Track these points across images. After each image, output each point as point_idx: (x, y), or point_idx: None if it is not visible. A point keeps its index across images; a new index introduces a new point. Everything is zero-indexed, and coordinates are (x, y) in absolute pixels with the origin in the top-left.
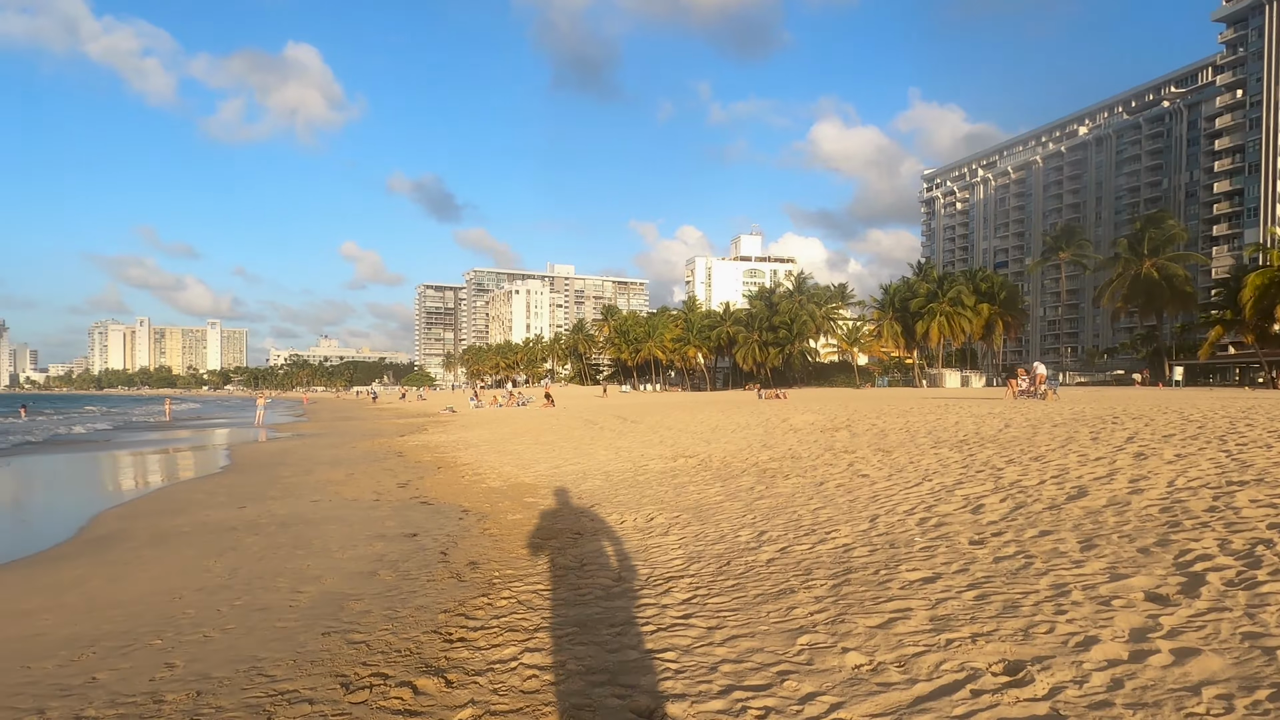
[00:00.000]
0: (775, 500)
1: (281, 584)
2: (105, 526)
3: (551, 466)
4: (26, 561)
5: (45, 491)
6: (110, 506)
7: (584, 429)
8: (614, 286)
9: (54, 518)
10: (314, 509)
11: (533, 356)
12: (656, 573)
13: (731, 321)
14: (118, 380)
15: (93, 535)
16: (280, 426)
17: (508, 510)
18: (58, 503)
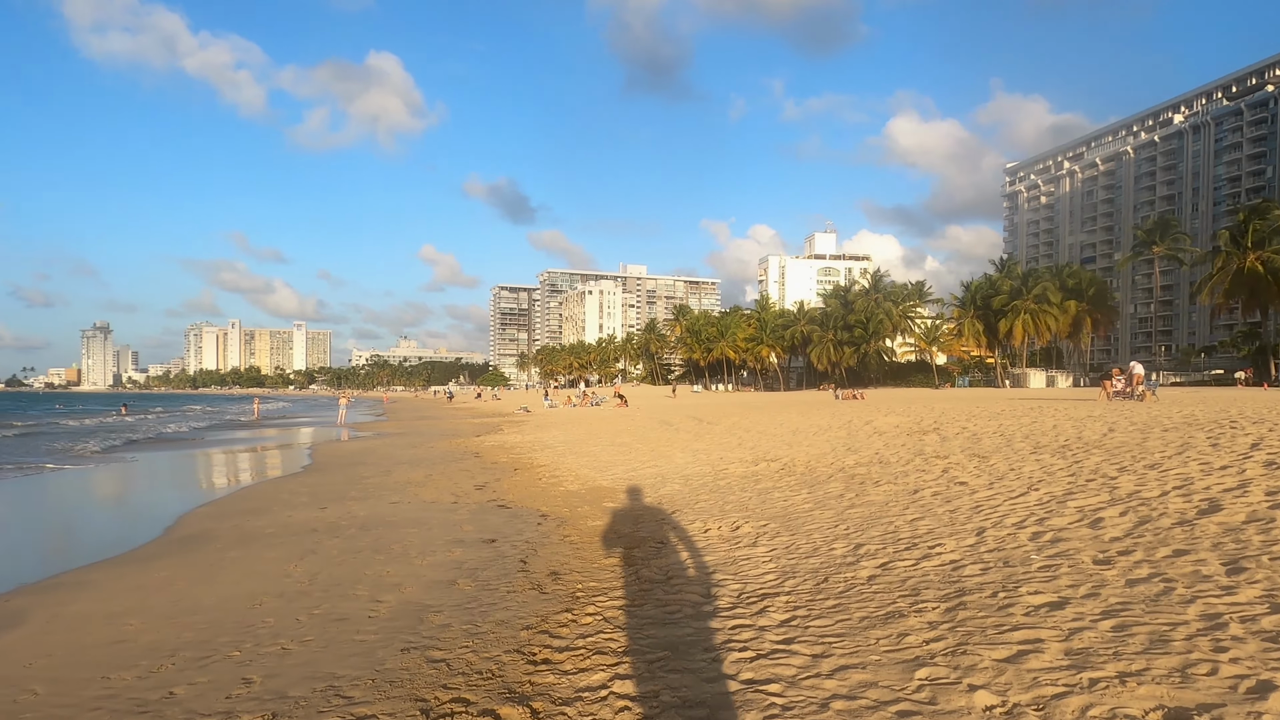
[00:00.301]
0: (868, 509)
1: (361, 592)
2: (194, 526)
3: (628, 469)
4: (120, 560)
5: (141, 489)
6: (200, 504)
7: (660, 430)
8: (686, 286)
9: (147, 515)
10: (393, 511)
11: (605, 356)
12: (749, 589)
13: (805, 320)
14: (211, 380)
15: (182, 534)
16: (361, 426)
17: (587, 515)
18: (152, 500)
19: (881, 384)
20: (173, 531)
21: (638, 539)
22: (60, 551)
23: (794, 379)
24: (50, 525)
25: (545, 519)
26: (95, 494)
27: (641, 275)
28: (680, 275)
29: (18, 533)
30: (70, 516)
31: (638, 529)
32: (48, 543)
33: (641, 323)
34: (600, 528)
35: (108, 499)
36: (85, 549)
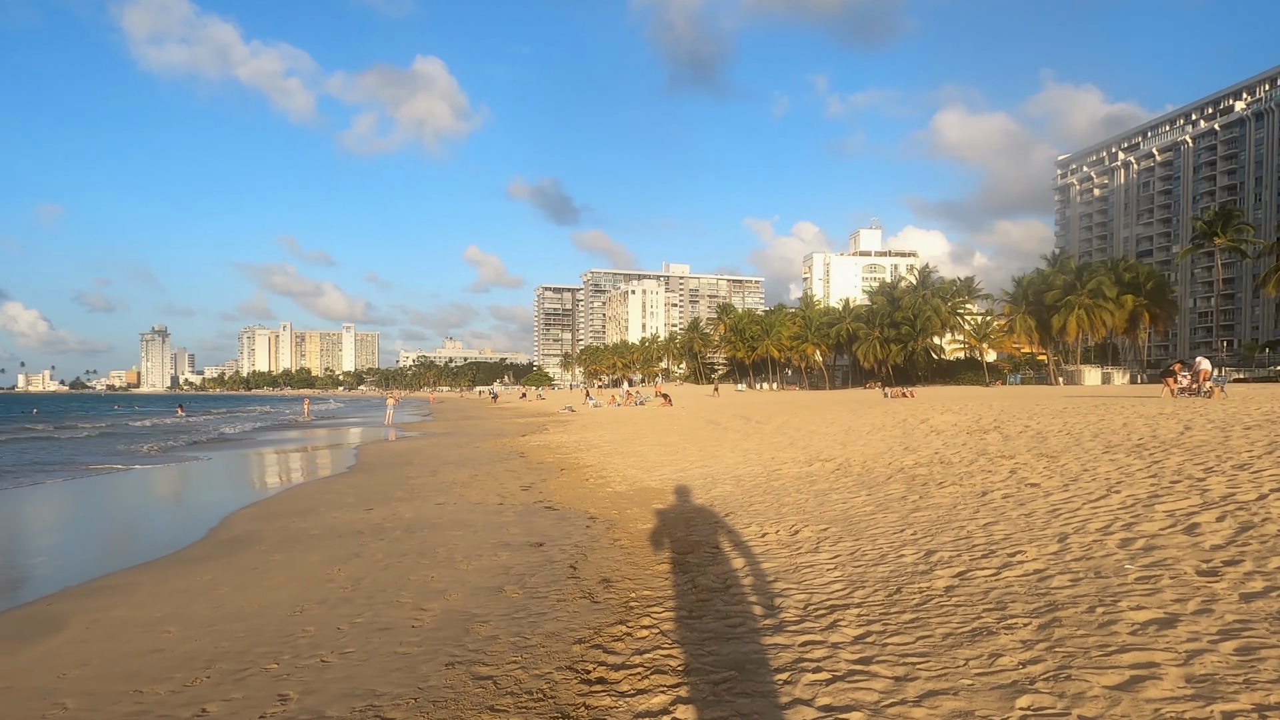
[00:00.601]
0: (934, 512)
1: (404, 599)
2: (240, 527)
3: (677, 470)
4: (166, 562)
5: (191, 489)
6: (248, 504)
7: (707, 430)
8: (729, 285)
9: (196, 516)
10: (439, 512)
11: (648, 356)
12: (815, 600)
13: (851, 318)
14: (263, 381)
15: (228, 536)
16: (408, 426)
17: (636, 518)
18: (201, 500)
19: (930, 382)
20: (219, 532)
21: (691, 543)
22: (109, 552)
23: (839, 377)
24: (102, 525)
25: (594, 521)
26: (147, 494)
27: (684, 274)
28: (723, 274)
29: (72, 533)
30: (122, 517)
31: (691, 533)
32: (98, 543)
33: (685, 322)
34: (651, 531)
35: (159, 499)
36: (133, 550)
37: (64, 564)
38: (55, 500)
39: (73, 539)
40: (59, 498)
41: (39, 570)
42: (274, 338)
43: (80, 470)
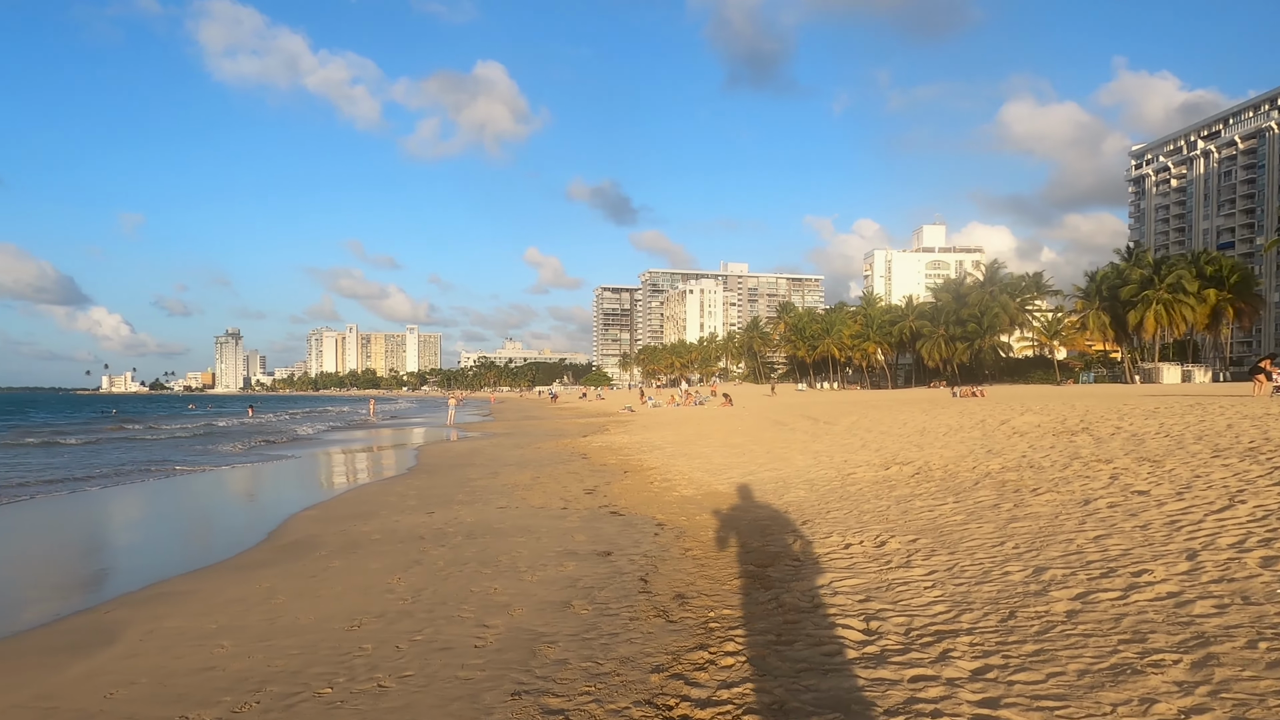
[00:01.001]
0: (1035, 523)
1: (466, 613)
2: (302, 530)
3: (745, 473)
4: (226, 567)
5: (256, 490)
6: (311, 505)
7: (773, 431)
8: (788, 283)
9: (259, 518)
10: (501, 517)
11: (707, 355)
12: (918, 624)
13: (915, 315)
14: (330, 382)
15: (289, 540)
16: (469, 426)
17: (706, 525)
18: (266, 502)
19: (997, 381)
20: (281, 536)
21: (769, 555)
22: (172, 555)
23: (901, 376)
24: (170, 527)
25: (662, 528)
26: (215, 495)
27: (743, 273)
28: (782, 272)
29: (142, 534)
30: (189, 518)
31: (767, 542)
32: (164, 545)
33: (743, 321)
34: (724, 539)
35: (226, 500)
36: (196, 553)
37: (130, 566)
38: (131, 501)
39: (141, 541)
40: (135, 498)
41: (106, 573)
42: (340, 339)
43: (160, 471)
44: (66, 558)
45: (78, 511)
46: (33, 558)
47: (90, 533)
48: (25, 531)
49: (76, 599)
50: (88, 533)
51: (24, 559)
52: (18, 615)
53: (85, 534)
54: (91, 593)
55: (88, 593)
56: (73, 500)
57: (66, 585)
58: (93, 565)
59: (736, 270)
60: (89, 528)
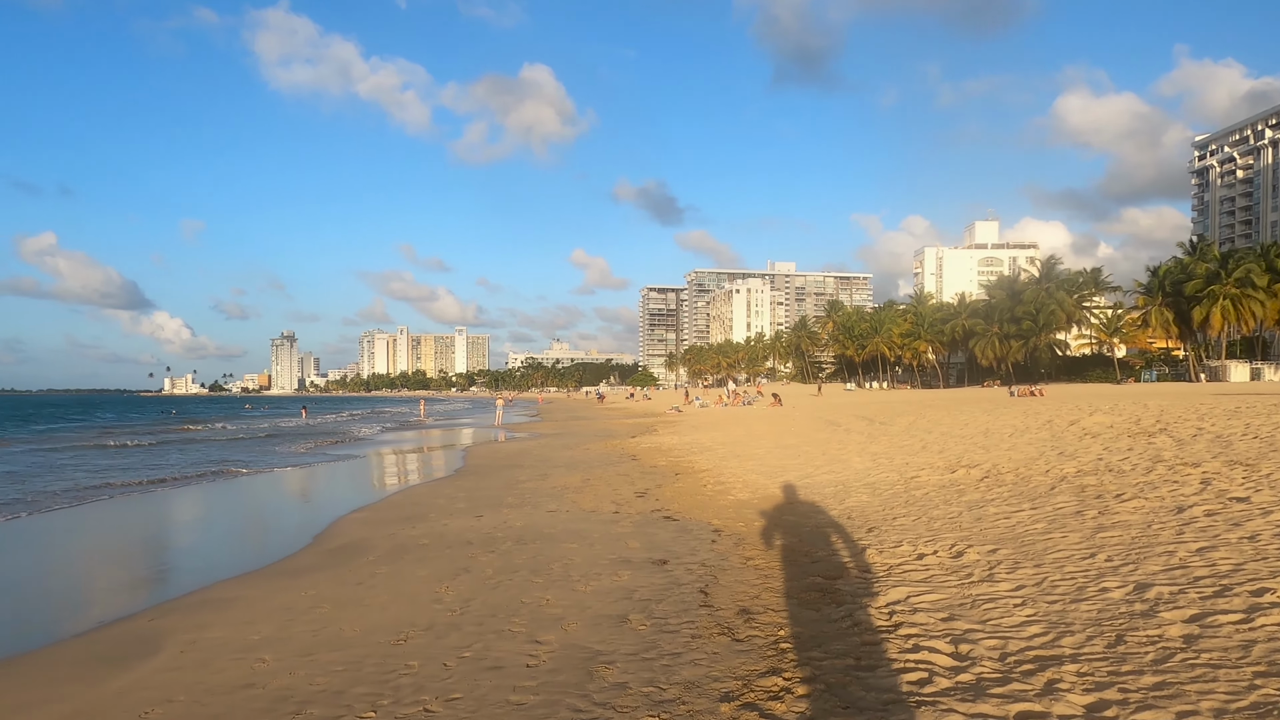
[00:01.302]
0: (1125, 533)
1: (517, 626)
2: (350, 533)
3: (802, 475)
4: (273, 571)
5: (306, 490)
6: (361, 506)
7: (828, 432)
8: (836, 282)
9: (308, 520)
10: (551, 521)
11: (753, 355)
12: (1013, 648)
13: (967, 313)
14: (382, 383)
15: (338, 544)
16: (518, 426)
17: (766, 532)
18: (316, 503)
19: (1053, 379)
20: (330, 539)
21: (837, 565)
22: (222, 559)
23: (953, 376)
24: (219, 529)
25: (719, 535)
26: (265, 496)
27: (790, 272)
28: (830, 271)
29: (191, 537)
30: (238, 520)
31: (833, 551)
32: (215, 548)
33: (790, 320)
34: (786, 548)
35: (276, 501)
36: (245, 557)
37: (181, 570)
38: (187, 502)
39: (194, 543)
40: (191, 500)
41: (156, 576)
42: (391, 341)
43: (217, 473)
44: (122, 560)
45: (137, 513)
46: (91, 560)
47: (147, 535)
48: (87, 533)
49: (125, 603)
50: (145, 535)
51: (83, 561)
52: (67, 619)
53: (142, 536)
54: (140, 597)
55: (137, 597)
56: (134, 502)
57: (117, 588)
58: (145, 568)
59: (783, 269)
60: (147, 530)
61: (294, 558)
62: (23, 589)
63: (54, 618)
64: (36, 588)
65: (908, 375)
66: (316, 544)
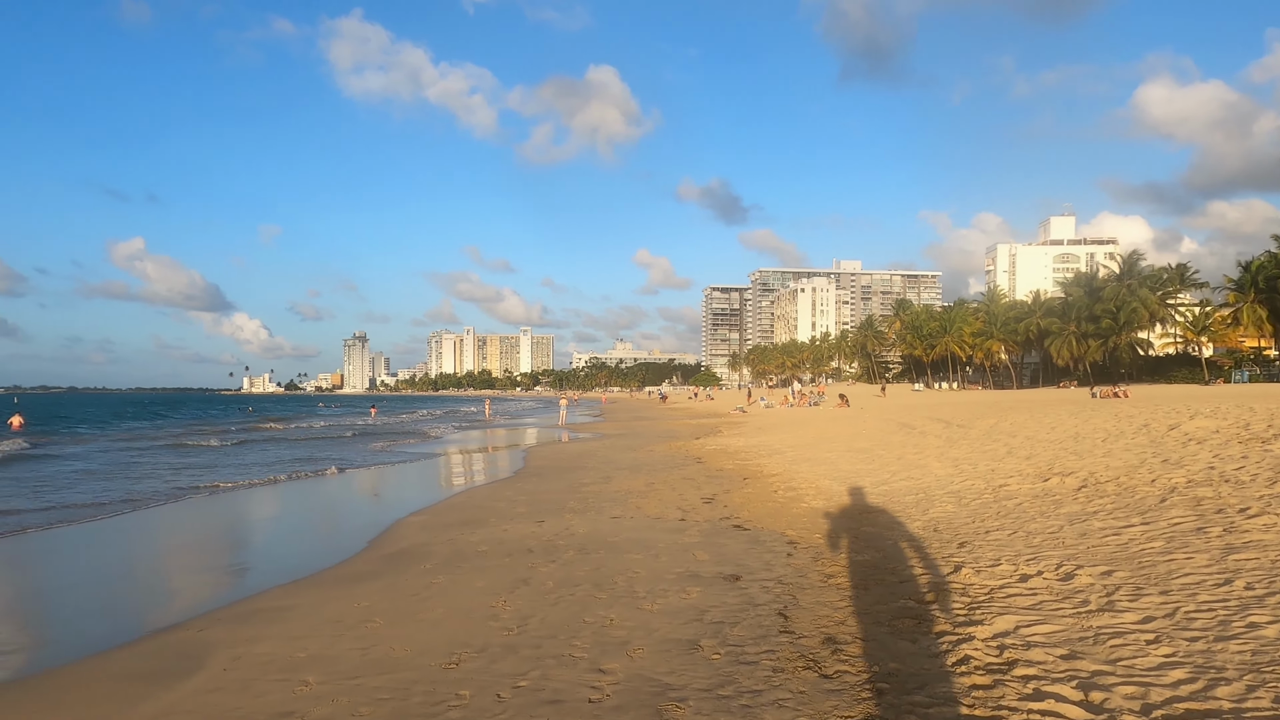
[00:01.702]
0: (1263, 554)
1: (579, 650)
2: (408, 537)
3: (878, 482)
4: (327, 578)
5: (368, 490)
6: (422, 507)
7: (902, 435)
8: (903, 280)
9: (368, 521)
10: (614, 528)
11: (819, 355)
12: (1156, 698)
13: (1043, 312)
14: (449, 383)
15: (395, 549)
16: (580, 427)
17: (845, 545)
18: (377, 502)
19: (1135, 380)
20: (388, 543)
21: (929, 586)
22: (277, 562)
23: (1026, 376)
24: (279, 530)
25: (794, 548)
26: (327, 496)
27: (856, 271)
28: (897, 269)
29: (251, 538)
30: (298, 521)
31: (923, 569)
32: (270, 551)
33: (856, 320)
34: (869, 564)
35: (337, 501)
36: (302, 559)
37: (235, 574)
38: (250, 503)
39: (254, 545)
40: (254, 501)
41: (212, 581)
42: (458, 341)
43: (281, 474)
44: (185, 561)
45: (205, 513)
46: (155, 561)
47: (212, 535)
48: (156, 534)
49: (180, 608)
50: (210, 535)
51: (147, 562)
52: (120, 624)
53: (207, 537)
54: (194, 602)
55: (191, 602)
56: (204, 502)
57: (175, 592)
58: (206, 570)
59: (849, 268)
60: (212, 530)
61: (351, 562)
62: (82, 593)
63: (107, 623)
64: (96, 591)
65: (978, 375)
66: (374, 548)
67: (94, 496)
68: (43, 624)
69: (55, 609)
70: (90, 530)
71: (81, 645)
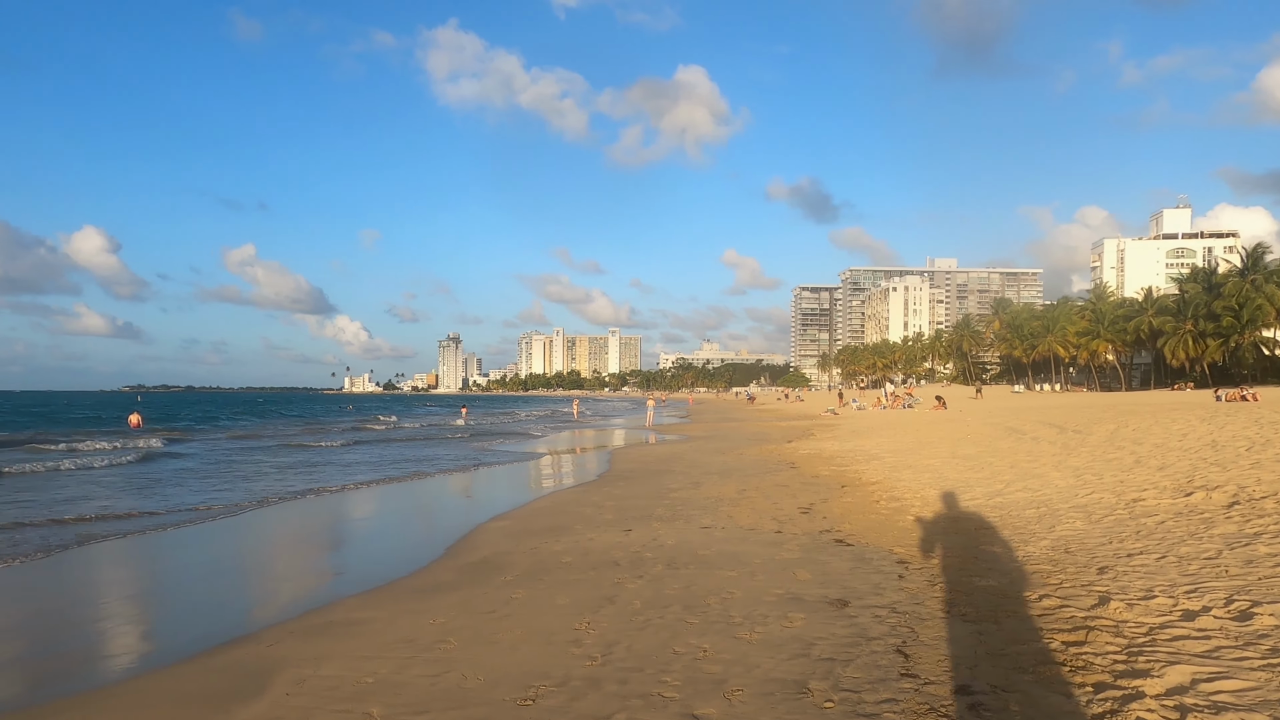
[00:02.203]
0: None
1: (669, 690)
2: (490, 545)
3: (990, 493)
4: (403, 588)
5: (453, 492)
6: (506, 511)
7: (1010, 440)
8: (1001, 278)
9: (450, 525)
10: (706, 540)
11: (911, 355)
12: None
13: (1155, 310)
14: (538, 383)
15: (475, 557)
16: (668, 428)
17: (964, 566)
18: (460, 505)
19: (1260, 381)
20: (468, 550)
21: (1073, 622)
22: (355, 569)
23: (1136, 378)
24: (361, 535)
25: (906, 568)
26: (414, 498)
27: (951, 269)
28: (994, 266)
29: (338, 542)
30: (382, 525)
31: (1060, 600)
32: (351, 556)
33: (951, 319)
34: (996, 591)
35: (423, 503)
36: (381, 566)
37: (319, 578)
38: (339, 506)
39: (341, 548)
40: (343, 504)
41: (293, 588)
42: (548, 342)
43: (365, 477)
44: (267, 567)
45: (294, 516)
46: (238, 567)
47: (298, 539)
48: (245, 537)
49: (255, 618)
50: (296, 539)
51: (229, 568)
52: (192, 635)
53: (294, 540)
54: (270, 612)
55: (266, 612)
56: (295, 505)
57: (253, 601)
58: (286, 576)
59: (944, 266)
60: (299, 533)
61: (429, 571)
62: (165, 598)
63: (179, 634)
64: (181, 596)
65: (1082, 377)
66: (454, 556)
67: (202, 498)
68: (116, 633)
69: (134, 616)
70: (190, 533)
71: (154, 656)
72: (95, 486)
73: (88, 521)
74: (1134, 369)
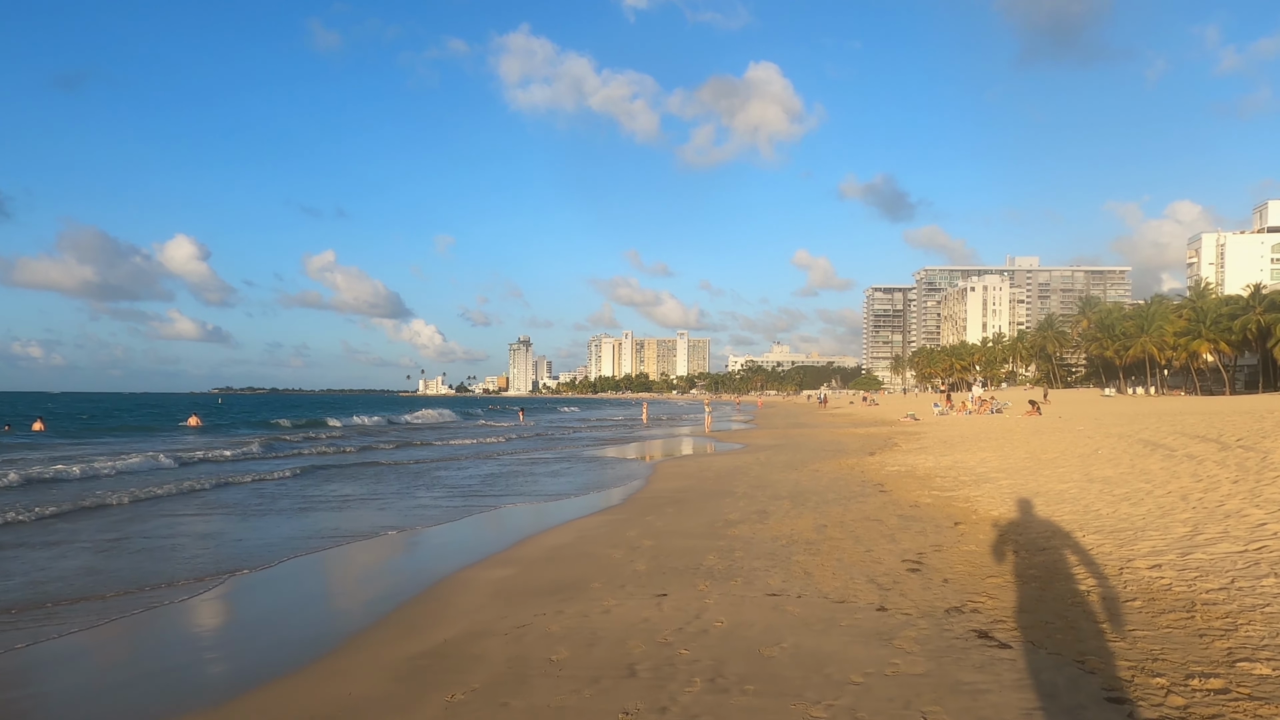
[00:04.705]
0: None
1: None
2: (461, 614)
3: (1174, 540)
4: (278, 712)
5: (476, 511)
6: (506, 547)
7: (1155, 459)
8: (1086, 277)
9: (439, 564)
10: (772, 625)
11: (990, 357)
12: None
13: (1264, 307)
14: (607, 385)
15: (429, 641)
16: (732, 435)
17: (1209, 704)
18: (477, 531)
19: None
20: (428, 622)
21: None
22: (241, 658)
23: (1240, 380)
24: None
25: (1131, 711)
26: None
27: (1032, 267)
28: (1079, 264)
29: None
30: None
31: None
32: (247, 639)
33: (1032, 320)
34: None
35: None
36: (280, 651)
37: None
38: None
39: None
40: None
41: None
42: (617, 345)
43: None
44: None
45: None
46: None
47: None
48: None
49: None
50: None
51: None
52: None
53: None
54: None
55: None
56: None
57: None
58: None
59: (1025, 264)
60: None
61: (346, 661)
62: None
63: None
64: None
65: (1178, 380)
66: (403, 630)
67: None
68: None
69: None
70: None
71: None
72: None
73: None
74: (1238, 371)
